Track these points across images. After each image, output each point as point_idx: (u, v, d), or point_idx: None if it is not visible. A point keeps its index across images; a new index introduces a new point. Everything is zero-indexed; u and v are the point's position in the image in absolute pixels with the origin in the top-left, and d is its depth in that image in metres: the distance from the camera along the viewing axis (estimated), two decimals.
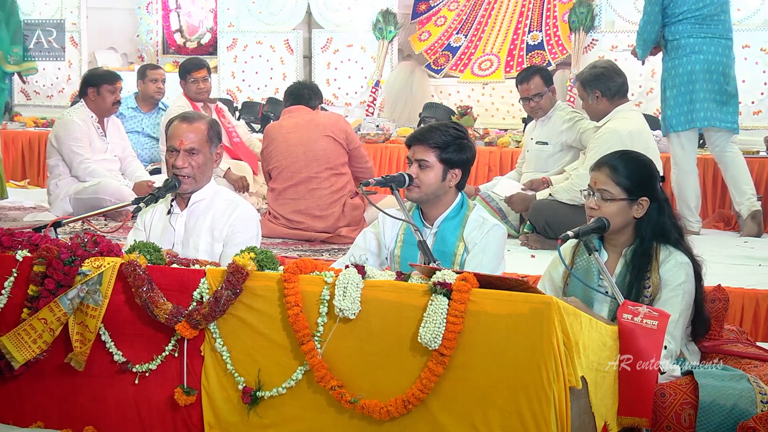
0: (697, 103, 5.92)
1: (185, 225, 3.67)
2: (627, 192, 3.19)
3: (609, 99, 5.43)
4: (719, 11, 5.94)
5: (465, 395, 2.64)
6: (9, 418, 3.17)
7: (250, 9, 9.76)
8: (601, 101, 5.44)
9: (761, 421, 2.77)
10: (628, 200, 3.19)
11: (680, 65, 5.92)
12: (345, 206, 5.78)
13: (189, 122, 3.65)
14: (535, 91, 5.94)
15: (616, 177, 3.20)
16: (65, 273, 3.00)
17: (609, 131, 5.32)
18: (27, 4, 10.33)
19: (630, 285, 3.17)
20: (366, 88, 9.20)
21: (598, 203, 3.21)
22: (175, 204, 3.70)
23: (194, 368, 2.96)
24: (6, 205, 7.03)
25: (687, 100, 5.93)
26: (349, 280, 2.74)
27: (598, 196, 3.21)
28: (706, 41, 5.90)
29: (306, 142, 5.74)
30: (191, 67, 6.97)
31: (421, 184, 3.46)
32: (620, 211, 3.19)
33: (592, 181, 3.26)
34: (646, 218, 3.22)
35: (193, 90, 6.91)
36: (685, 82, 5.92)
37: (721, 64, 5.93)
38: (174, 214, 3.69)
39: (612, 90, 5.42)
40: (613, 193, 3.19)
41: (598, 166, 3.27)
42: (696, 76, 5.90)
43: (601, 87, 5.42)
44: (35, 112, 9.97)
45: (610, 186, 3.20)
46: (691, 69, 5.91)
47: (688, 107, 5.94)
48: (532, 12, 8.81)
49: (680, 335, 3.15)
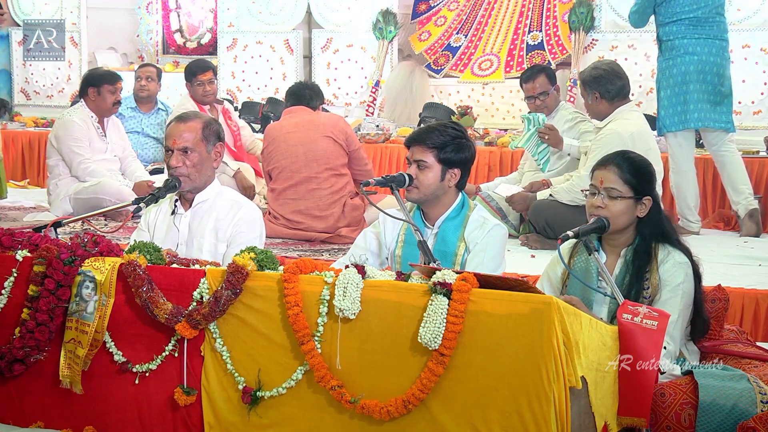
0: (690, 104, 5.94)
1: (189, 225, 3.67)
2: (634, 190, 3.20)
3: (608, 101, 5.45)
4: (714, 13, 5.95)
5: (465, 395, 2.64)
6: (9, 418, 3.17)
7: (250, 9, 9.76)
8: (601, 102, 5.46)
9: (761, 421, 2.77)
10: (634, 199, 3.20)
11: (674, 66, 5.94)
12: (345, 206, 5.79)
13: (183, 121, 3.65)
14: (541, 89, 5.98)
15: (624, 175, 3.20)
16: (65, 273, 3.01)
17: (611, 133, 5.32)
18: (27, 4, 10.34)
19: (629, 285, 3.17)
20: (366, 88, 9.20)
21: (604, 202, 3.21)
22: (179, 204, 3.71)
23: (194, 368, 2.96)
24: (6, 205, 7.03)
25: (681, 100, 5.94)
26: (349, 280, 2.74)
27: (605, 195, 3.21)
28: (699, 42, 5.91)
29: (306, 142, 5.74)
30: (197, 69, 6.95)
31: (419, 184, 3.46)
32: (627, 210, 3.20)
33: (597, 179, 3.25)
34: (647, 218, 3.23)
35: (199, 93, 6.88)
36: (679, 82, 5.93)
37: (715, 65, 5.94)
38: (178, 215, 3.69)
39: (611, 92, 5.43)
40: (621, 191, 3.19)
41: (604, 165, 3.26)
42: (690, 77, 5.92)
43: (600, 89, 5.44)
44: (35, 112, 9.97)
45: (618, 184, 3.20)
46: (685, 70, 5.92)
47: (682, 108, 5.95)
48: (532, 12, 8.81)
49: (679, 336, 3.15)
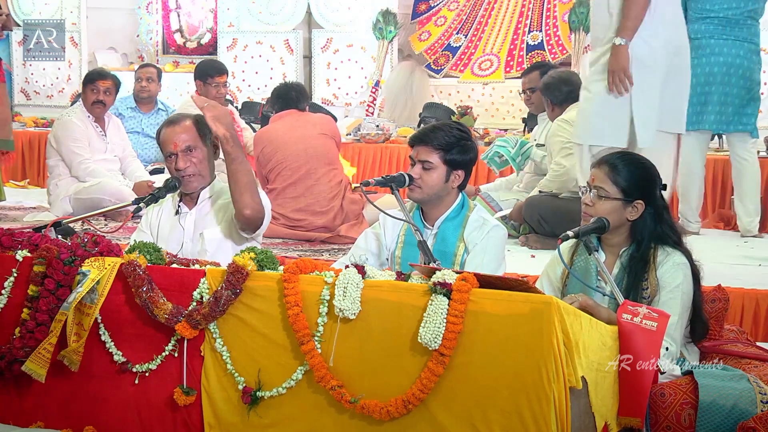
0: (709, 105, 5.83)
1: (195, 222, 3.67)
2: (623, 192, 3.17)
3: (558, 106, 5.64)
4: (746, 17, 5.80)
5: (465, 395, 2.64)
6: (9, 418, 3.17)
7: (250, 9, 9.76)
8: (554, 109, 5.68)
9: (761, 421, 2.77)
10: (623, 201, 3.17)
11: (698, 65, 5.75)
12: (344, 200, 5.86)
13: (176, 124, 3.64)
14: (529, 85, 6.13)
15: (614, 176, 3.19)
16: (65, 273, 3.00)
17: (558, 123, 5.55)
18: (27, 4, 10.34)
19: (627, 289, 3.16)
20: (366, 88, 9.21)
21: (593, 200, 3.21)
22: (182, 204, 3.71)
23: (194, 368, 2.96)
24: (6, 205, 7.03)
25: (701, 101, 5.81)
26: (349, 280, 2.74)
27: (594, 193, 3.21)
28: (728, 43, 5.78)
29: (305, 138, 5.82)
30: (213, 71, 6.93)
31: (423, 184, 3.45)
32: (613, 211, 3.18)
33: (591, 177, 3.25)
34: (641, 223, 3.19)
35: (212, 94, 6.83)
36: (701, 83, 5.79)
37: (742, 67, 5.80)
38: (183, 214, 3.69)
39: (558, 98, 5.63)
40: (608, 191, 3.18)
41: (599, 164, 3.26)
42: (713, 78, 5.80)
43: (550, 96, 5.66)
44: (35, 112, 9.97)
45: (607, 184, 3.19)
46: (710, 71, 5.80)
47: (701, 108, 5.83)
48: (532, 12, 8.81)
49: (680, 337, 3.15)
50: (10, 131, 6.64)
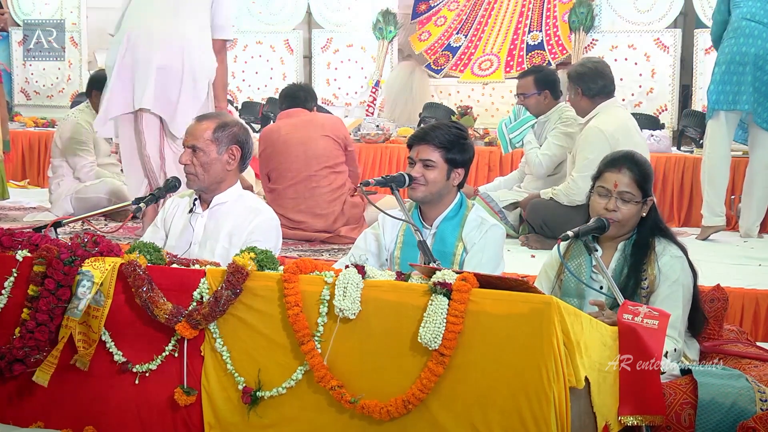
0: (743, 85, 5.71)
1: (205, 227, 3.65)
2: (643, 193, 3.21)
3: (589, 98, 5.45)
4: None
5: (465, 395, 2.64)
6: (9, 418, 3.17)
7: (250, 9, 9.76)
8: (583, 99, 5.48)
9: (761, 421, 2.77)
10: (642, 201, 3.23)
11: (735, 45, 5.70)
12: (345, 204, 5.84)
13: (200, 121, 3.67)
14: (521, 90, 5.97)
15: (637, 178, 3.21)
16: (65, 273, 3.00)
17: (592, 130, 5.34)
18: (27, 4, 10.34)
19: (627, 278, 3.18)
20: (366, 88, 9.20)
21: (617, 205, 3.20)
22: (197, 203, 3.70)
23: (194, 368, 2.96)
24: (6, 205, 7.04)
25: (734, 80, 5.72)
26: (349, 280, 2.74)
27: (618, 198, 3.20)
28: (766, 29, 5.68)
29: (306, 141, 5.78)
30: None
31: (426, 182, 3.46)
32: (637, 212, 3.23)
33: (611, 182, 3.23)
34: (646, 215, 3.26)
35: None
36: (737, 62, 5.70)
37: None
38: (195, 214, 3.68)
39: (592, 90, 5.44)
40: (634, 194, 3.21)
41: (617, 168, 3.24)
42: (748, 59, 5.68)
43: (582, 86, 5.46)
44: (35, 112, 9.97)
45: (632, 188, 3.21)
46: (746, 51, 5.68)
47: (735, 88, 5.72)
48: (532, 12, 8.81)
49: (684, 330, 3.18)
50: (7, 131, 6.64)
